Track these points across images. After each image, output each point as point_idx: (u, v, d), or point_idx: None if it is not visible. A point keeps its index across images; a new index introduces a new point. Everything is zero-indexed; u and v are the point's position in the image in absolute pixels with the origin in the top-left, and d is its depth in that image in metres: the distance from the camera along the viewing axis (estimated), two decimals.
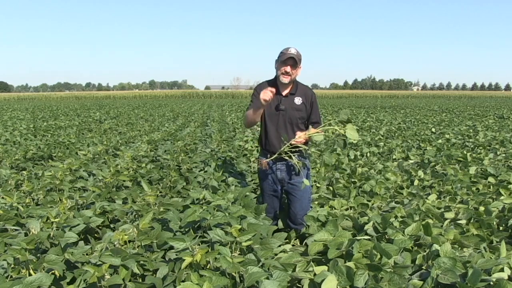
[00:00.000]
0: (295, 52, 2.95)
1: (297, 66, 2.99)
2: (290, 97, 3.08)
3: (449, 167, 5.27)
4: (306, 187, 3.16)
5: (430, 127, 11.44)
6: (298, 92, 3.10)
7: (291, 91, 3.09)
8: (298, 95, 3.09)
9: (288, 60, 2.94)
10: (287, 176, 3.14)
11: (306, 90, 3.15)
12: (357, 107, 25.37)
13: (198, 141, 7.94)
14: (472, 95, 66.40)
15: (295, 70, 3.00)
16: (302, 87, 3.15)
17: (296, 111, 3.07)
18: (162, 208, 2.93)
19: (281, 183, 3.18)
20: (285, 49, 2.98)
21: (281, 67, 2.98)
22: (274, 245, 2.25)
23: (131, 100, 47.05)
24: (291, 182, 3.13)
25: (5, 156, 6.23)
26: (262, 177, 3.24)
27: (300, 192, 3.13)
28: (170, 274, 2.00)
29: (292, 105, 3.07)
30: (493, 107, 24.10)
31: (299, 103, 3.08)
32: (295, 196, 3.15)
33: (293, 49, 2.97)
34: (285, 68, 2.96)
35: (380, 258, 2.15)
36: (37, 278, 1.74)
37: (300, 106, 3.08)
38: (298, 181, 3.12)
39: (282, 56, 2.97)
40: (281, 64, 2.98)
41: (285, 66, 2.96)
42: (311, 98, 3.13)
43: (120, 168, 4.75)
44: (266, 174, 3.18)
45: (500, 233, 2.86)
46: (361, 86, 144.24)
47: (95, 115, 17.66)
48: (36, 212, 2.73)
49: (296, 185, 3.13)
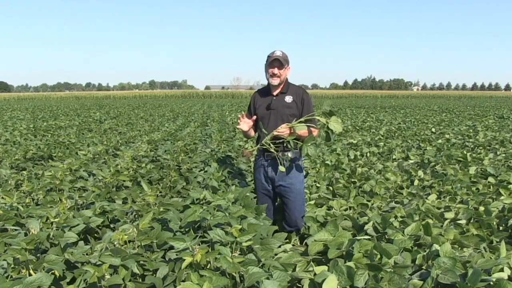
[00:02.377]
0: (280, 54, 3.07)
1: (284, 67, 3.08)
2: (280, 96, 3.17)
3: (449, 167, 5.27)
4: (300, 190, 3.18)
5: (430, 127, 11.44)
6: (289, 91, 3.18)
7: (282, 90, 3.17)
8: (289, 94, 3.17)
9: (273, 62, 3.05)
10: (277, 176, 3.14)
11: (297, 89, 3.23)
12: (357, 107, 25.37)
13: (198, 141, 7.94)
14: (472, 95, 66.39)
15: (282, 71, 3.09)
16: (293, 87, 3.23)
17: (287, 108, 3.13)
18: (162, 208, 2.93)
19: (272, 182, 3.19)
20: (271, 53, 3.09)
21: (269, 69, 3.09)
22: (274, 245, 2.25)
23: (131, 100, 47.05)
24: (283, 184, 3.14)
25: (5, 156, 6.23)
26: (256, 175, 3.30)
27: (293, 194, 3.15)
28: (170, 274, 2.00)
29: (283, 103, 3.14)
30: (493, 107, 24.10)
31: (290, 101, 3.15)
32: (288, 199, 3.16)
33: (278, 51, 3.09)
34: (272, 70, 3.07)
35: (380, 258, 2.15)
36: (37, 278, 1.74)
37: (290, 104, 3.14)
38: (290, 183, 3.13)
39: (268, 59, 3.09)
40: (268, 67, 3.09)
41: (272, 68, 3.07)
42: (302, 95, 3.18)
43: (120, 168, 4.75)
44: (259, 172, 3.24)
45: (500, 233, 2.86)
46: (361, 86, 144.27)
47: (95, 115, 17.66)
48: (36, 212, 2.73)
49: (289, 187, 3.14)
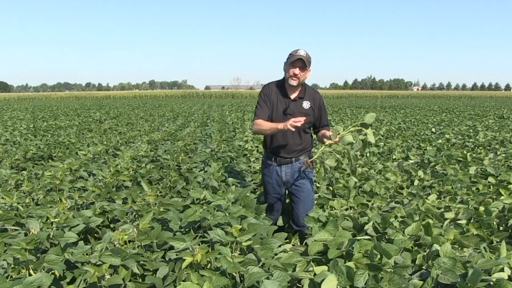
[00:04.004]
0: (304, 54, 2.87)
1: (306, 69, 2.92)
2: (298, 101, 3.03)
3: (449, 167, 5.27)
4: (310, 190, 3.17)
5: (430, 127, 11.44)
6: (306, 96, 3.05)
7: (300, 94, 3.03)
8: (306, 99, 3.04)
9: (297, 62, 2.87)
10: (292, 178, 3.13)
11: (315, 94, 3.11)
12: (357, 107, 25.37)
13: (198, 141, 7.95)
14: (472, 95, 66.34)
15: (304, 73, 2.92)
16: (310, 91, 3.10)
17: (304, 115, 2.98)
18: (162, 208, 2.93)
19: (286, 186, 3.17)
20: (294, 51, 2.89)
21: (290, 69, 2.90)
22: (274, 245, 2.25)
23: (131, 100, 47.04)
24: (295, 184, 3.12)
25: (5, 156, 6.23)
26: (267, 180, 3.20)
27: (303, 193, 3.12)
28: (170, 274, 2.00)
29: (300, 109, 3.02)
30: (493, 107, 24.10)
31: (307, 107, 3.03)
32: (298, 198, 3.14)
33: (302, 51, 2.88)
34: (293, 70, 2.88)
35: (380, 258, 2.15)
36: (37, 278, 1.74)
37: (308, 111, 3.04)
38: (302, 182, 3.11)
39: (290, 58, 2.89)
40: (289, 66, 2.90)
41: (294, 68, 2.88)
42: (319, 102, 3.09)
43: (120, 168, 4.75)
44: (271, 177, 3.15)
45: (500, 233, 2.86)
46: (361, 86, 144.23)
47: (95, 115, 17.66)
48: (36, 212, 2.73)
49: (300, 186, 3.12)
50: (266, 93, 3.06)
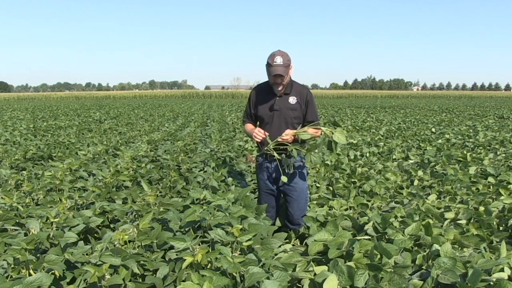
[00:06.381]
0: (281, 62, 2.88)
1: (286, 74, 2.95)
2: (284, 97, 3.07)
3: (449, 167, 5.27)
4: (303, 188, 3.17)
5: (430, 127, 11.44)
6: (293, 92, 3.07)
7: (286, 90, 3.07)
8: (292, 95, 3.07)
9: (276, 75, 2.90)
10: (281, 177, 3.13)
11: (302, 89, 3.12)
12: (357, 107, 25.37)
13: (198, 141, 7.95)
14: (472, 95, 66.37)
15: (286, 77, 2.95)
16: (297, 87, 3.11)
17: (291, 110, 3.05)
18: (162, 208, 2.93)
19: (276, 183, 3.18)
20: (271, 59, 2.90)
21: (271, 79, 2.98)
22: (274, 245, 2.25)
23: (131, 100, 47.05)
24: (286, 183, 3.13)
25: (5, 156, 6.23)
26: (259, 176, 3.26)
27: (296, 193, 3.14)
28: (171, 274, 2.00)
29: (287, 104, 3.05)
30: (493, 107, 24.10)
31: (294, 102, 3.06)
32: (291, 197, 3.16)
33: (279, 57, 2.88)
34: (275, 79, 2.95)
35: (380, 258, 2.15)
36: (37, 278, 1.74)
37: (294, 106, 3.06)
38: (294, 182, 3.12)
39: (269, 68, 2.93)
40: (270, 77, 2.97)
41: (275, 78, 2.94)
42: (306, 97, 3.09)
43: (120, 168, 4.75)
44: (262, 173, 3.21)
45: (500, 233, 2.86)
46: (361, 86, 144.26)
47: (95, 115, 17.66)
48: (36, 212, 2.73)
49: (292, 186, 3.13)
50: (250, 96, 3.23)
